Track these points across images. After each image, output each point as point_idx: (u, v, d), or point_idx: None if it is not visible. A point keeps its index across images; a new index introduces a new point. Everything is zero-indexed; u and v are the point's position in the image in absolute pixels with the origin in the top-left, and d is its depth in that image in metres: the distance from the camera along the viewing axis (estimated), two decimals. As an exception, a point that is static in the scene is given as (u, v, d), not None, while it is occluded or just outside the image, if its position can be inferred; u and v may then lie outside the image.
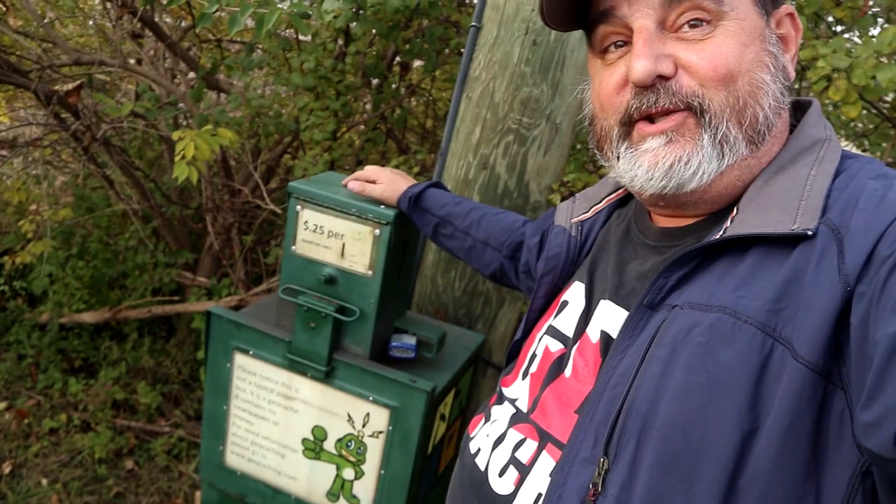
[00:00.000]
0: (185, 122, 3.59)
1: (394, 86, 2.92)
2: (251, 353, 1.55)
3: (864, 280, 0.58)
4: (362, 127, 2.98)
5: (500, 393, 0.94)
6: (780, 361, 0.60)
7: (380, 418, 1.48)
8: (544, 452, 0.79)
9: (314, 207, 1.45)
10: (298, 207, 1.46)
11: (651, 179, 0.74)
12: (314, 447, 1.55)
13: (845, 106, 1.69)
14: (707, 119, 0.71)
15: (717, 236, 0.70)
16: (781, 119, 0.75)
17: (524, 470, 0.80)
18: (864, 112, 2.31)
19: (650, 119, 0.74)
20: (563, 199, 1.86)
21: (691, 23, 0.71)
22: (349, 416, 1.50)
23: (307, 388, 1.53)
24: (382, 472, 1.50)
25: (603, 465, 0.68)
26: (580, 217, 0.99)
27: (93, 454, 2.73)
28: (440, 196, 1.41)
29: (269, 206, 2.62)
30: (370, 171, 1.50)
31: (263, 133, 2.88)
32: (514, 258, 1.30)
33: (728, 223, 0.71)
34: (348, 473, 1.54)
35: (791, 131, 0.78)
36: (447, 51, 2.73)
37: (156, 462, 2.76)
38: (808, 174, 0.70)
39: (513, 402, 0.89)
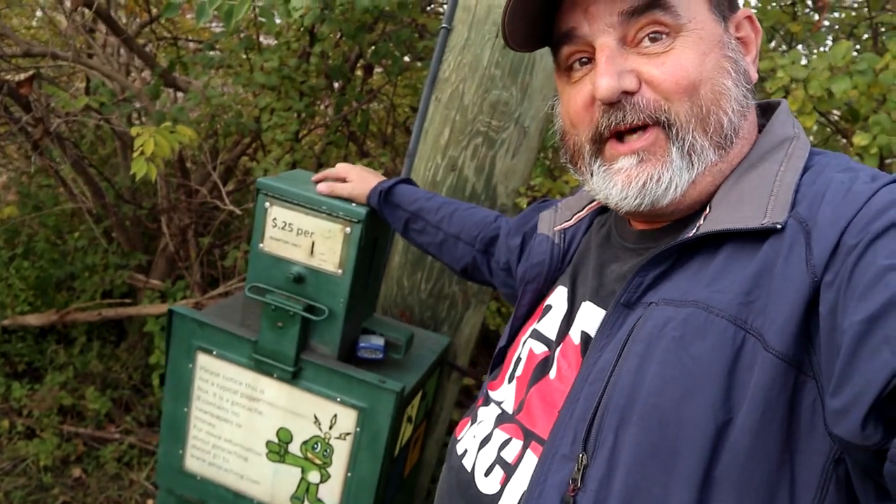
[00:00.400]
0: (139, 120, 3.50)
1: (357, 89, 2.90)
2: (215, 353, 1.51)
3: (830, 270, 0.59)
4: (324, 129, 2.95)
5: (487, 396, 0.94)
6: (752, 353, 0.62)
7: (347, 420, 1.46)
8: (528, 451, 0.79)
9: (283, 204, 1.42)
10: (267, 204, 1.43)
11: (626, 198, 0.76)
12: (279, 450, 1.52)
13: (801, 116, 1.74)
14: (674, 132, 0.72)
15: (690, 234, 0.71)
16: (748, 121, 0.77)
17: (510, 469, 0.80)
18: (816, 125, 2.40)
19: (620, 136, 0.76)
20: (530, 202, 1.88)
21: (651, 36, 0.72)
22: (316, 417, 1.48)
23: (273, 390, 1.49)
24: (349, 474, 1.48)
25: (582, 460, 0.69)
26: (563, 225, 1.00)
27: (37, 462, 2.62)
28: (411, 191, 1.41)
29: (229, 206, 2.57)
30: (340, 168, 1.49)
31: (223, 133, 2.82)
32: (486, 252, 1.31)
33: (701, 221, 0.72)
34: (314, 476, 1.51)
35: (760, 131, 0.80)
36: (408, 57, 2.73)
37: (105, 470, 2.66)
38: (777, 170, 0.71)
39: (499, 404, 0.90)
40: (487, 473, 0.83)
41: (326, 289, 1.43)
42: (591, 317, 0.82)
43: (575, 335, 0.83)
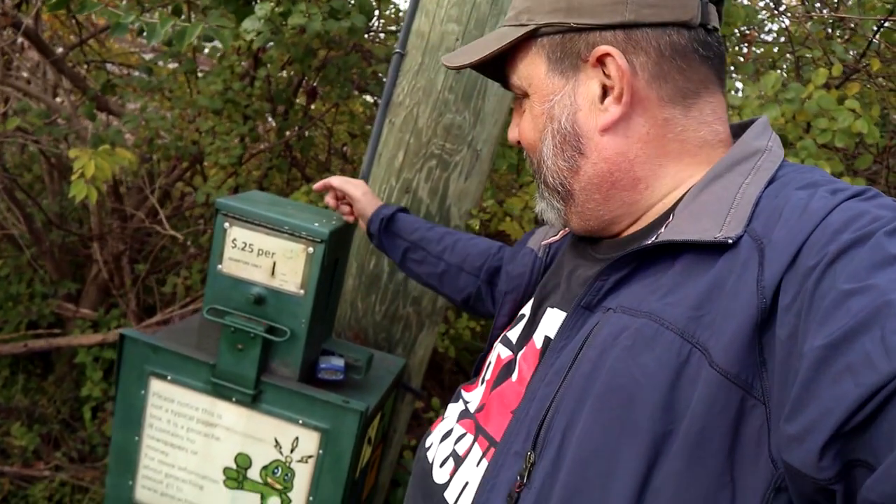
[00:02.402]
0: (65, 144, 3.39)
1: (299, 114, 2.89)
2: (169, 378, 1.47)
3: (787, 292, 0.59)
4: (266, 153, 2.93)
5: (459, 394, 0.98)
6: (697, 367, 0.62)
7: (309, 442, 1.44)
8: (475, 445, 0.84)
9: (244, 225, 1.41)
10: (226, 224, 1.42)
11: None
12: (237, 476, 1.49)
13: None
14: (540, 176, 0.85)
15: (649, 242, 0.72)
16: (584, 171, 0.83)
17: (459, 461, 0.85)
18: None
19: None
20: (482, 223, 1.91)
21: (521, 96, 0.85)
22: (276, 441, 1.45)
23: (231, 414, 1.46)
24: (311, 498, 1.46)
25: (530, 458, 0.71)
26: (549, 240, 1.02)
27: (-43, 504, 2.46)
28: (411, 220, 1.43)
29: (169, 231, 2.51)
30: (337, 180, 1.51)
31: (162, 156, 2.76)
32: (491, 283, 1.32)
33: (662, 229, 0.74)
34: (274, 502, 1.48)
35: None
36: (352, 86, 2.76)
37: (33, 509, 2.52)
38: (741, 182, 0.71)
39: (466, 403, 0.94)
40: (442, 465, 0.88)
41: (288, 310, 1.42)
42: (553, 320, 0.84)
43: (538, 339, 0.85)
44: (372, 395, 1.56)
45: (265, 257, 1.41)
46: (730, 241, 0.65)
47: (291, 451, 1.45)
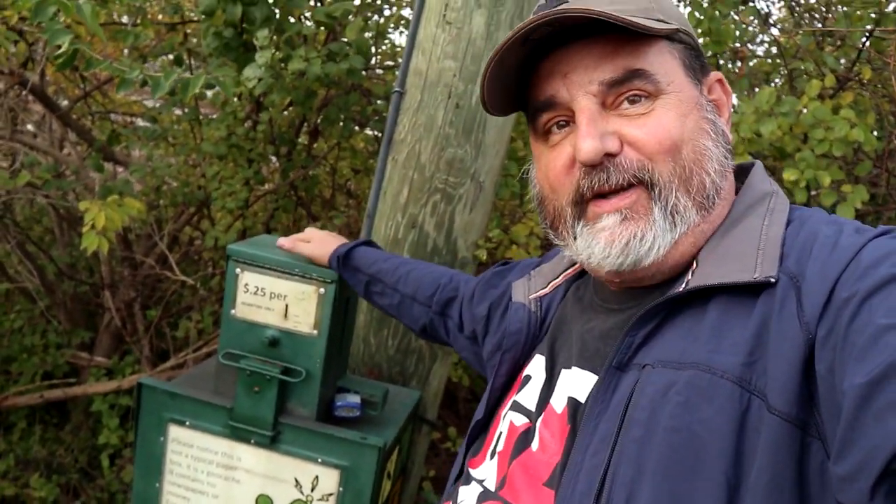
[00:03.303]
0: (74, 196, 3.44)
1: (303, 154, 2.94)
2: (187, 423, 1.49)
3: (823, 325, 0.59)
4: (272, 195, 2.97)
5: (468, 474, 0.90)
6: (758, 414, 0.60)
7: (329, 480, 1.45)
8: None
9: (255, 269, 1.44)
10: (238, 270, 1.44)
11: (608, 257, 0.74)
12: (259, 518, 1.49)
13: (735, 158, 1.88)
14: (657, 192, 0.72)
15: (681, 289, 0.70)
16: (727, 181, 0.77)
17: None
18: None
19: (603, 195, 0.75)
20: (491, 253, 1.94)
21: (630, 98, 0.73)
22: (297, 480, 1.46)
23: (250, 456, 1.47)
24: (334, 536, 1.46)
25: None
26: (539, 293, 0.97)
27: (-20, 560, 2.47)
28: (370, 254, 1.41)
29: (180, 277, 2.54)
30: (306, 232, 1.51)
31: (170, 203, 2.81)
32: (444, 314, 1.29)
33: (689, 276, 0.72)
34: (297, 542, 1.48)
35: (737, 193, 0.80)
36: (353, 124, 2.80)
37: (55, 561, 2.52)
38: (761, 224, 0.71)
39: (480, 482, 0.86)
40: None
41: (302, 350, 1.44)
42: (575, 381, 0.79)
43: (557, 403, 0.80)
44: (389, 429, 1.57)
45: (277, 300, 1.44)
46: (772, 279, 0.64)
47: (312, 489, 1.46)
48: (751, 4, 2.30)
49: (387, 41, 3.35)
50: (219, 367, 1.49)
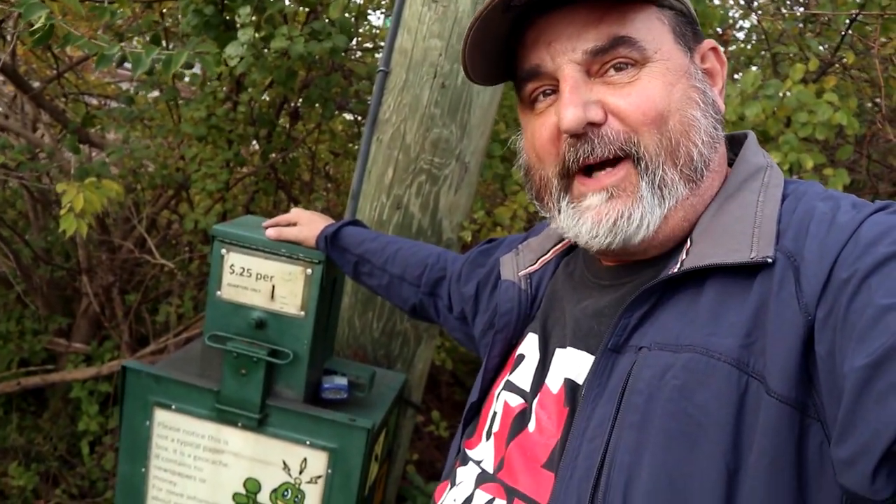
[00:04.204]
0: (47, 179, 3.37)
1: (283, 136, 2.90)
2: (173, 407, 1.47)
3: (822, 305, 0.58)
4: (252, 177, 2.93)
5: (465, 455, 0.89)
6: (756, 397, 0.59)
7: (318, 462, 1.44)
8: None
9: (241, 250, 1.42)
10: (224, 251, 1.42)
11: (596, 237, 0.73)
12: (247, 501, 1.48)
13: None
14: (643, 166, 0.70)
15: (675, 269, 0.68)
16: (718, 153, 0.75)
17: None
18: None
19: (588, 170, 0.74)
20: (475, 234, 1.93)
21: (616, 66, 0.71)
22: (285, 463, 1.45)
23: (238, 439, 1.46)
24: (322, 519, 1.46)
25: None
26: (528, 270, 0.95)
27: (-43, 549, 2.42)
28: (358, 233, 1.39)
29: (160, 261, 2.50)
30: (291, 213, 1.49)
31: (148, 185, 2.76)
32: (433, 294, 1.27)
33: (683, 255, 0.70)
34: (285, 525, 1.48)
35: (730, 164, 0.78)
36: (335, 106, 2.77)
37: (35, 549, 2.49)
38: (756, 200, 0.70)
39: (478, 463, 0.85)
40: None
41: (289, 332, 1.43)
42: (571, 361, 0.77)
43: (553, 384, 0.78)
44: (376, 411, 1.57)
45: (264, 281, 1.42)
46: (769, 259, 0.63)
47: (300, 472, 1.45)
48: (735, -13, 2.31)
49: (366, 22, 3.31)
50: (204, 350, 1.48)
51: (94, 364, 2.86)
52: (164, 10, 3.09)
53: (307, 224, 1.43)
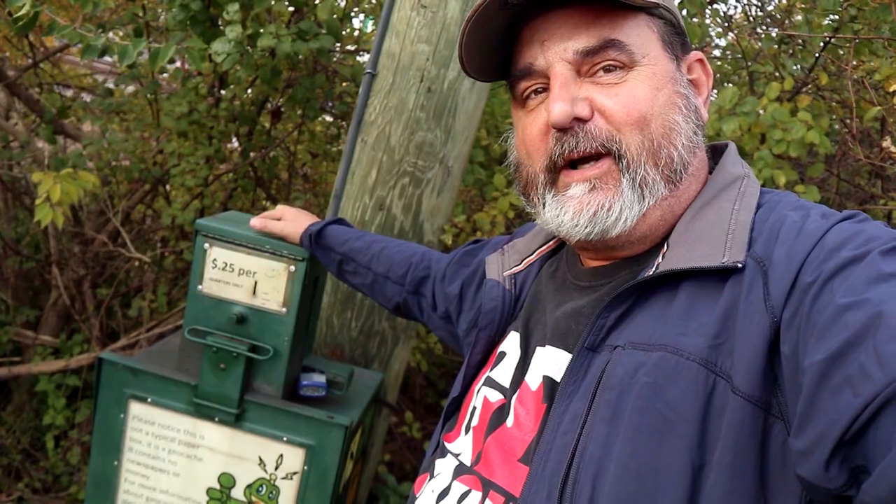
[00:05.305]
0: (17, 169, 3.31)
1: (264, 135, 2.90)
2: (149, 400, 1.46)
3: (788, 308, 0.60)
4: (231, 174, 2.92)
5: (443, 448, 0.91)
6: (723, 396, 0.62)
7: (294, 459, 1.45)
8: (487, 500, 0.77)
9: (224, 245, 1.42)
10: (206, 245, 1.42)
11: (577, 226, 0.76)
12: (221, 496, 1.48)
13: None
14: (625, 164, 0.73)
15: (651, 272, 0.71)
16: (697, 158, 0.78)
17: None
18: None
19: (573, 165, 0.77)
20: (454, 238, 1.95)
21: (605, 67, 0.74)
22: (260, 459, 1.46)
23: (214, 434, 1.46)
24: (297, 515, 1.46)
25: None
26: (513, 270, 0.98)
27: (-86, 542, 2.37)
28: (342, 232, 1.40)
29: (134, 254, 2.48)
30: (277, 209, 1.50)
31: (126, 178, 2.73)
32: (417, 293, 1.29)
33: (659, 259, 0.73)
34: (259, 521, 1.48)
35: (710, 172, 0.82)
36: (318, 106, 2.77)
37: (-5, 545, 2.44)
38: (731, 208, 0.73)
39: (456, 455, 0.87)
40: None
41: (270, 328, 1.43)
42: (550, 359, 0.80)
43: (532, 381, 0.81)
44: (354, 409, 1.57)
45: (246, 277, 1.42)
46: (739, 265, 0.66)
47: (276, 468, 1.45)
48: (715, 6, 2.36)
49: (349, 25, 3.32)
50: (183, 344, 1.47)
51: (63, 357, 2.82)
52: (146, 4, 3.07)
53: (292, 220, 1.44)
